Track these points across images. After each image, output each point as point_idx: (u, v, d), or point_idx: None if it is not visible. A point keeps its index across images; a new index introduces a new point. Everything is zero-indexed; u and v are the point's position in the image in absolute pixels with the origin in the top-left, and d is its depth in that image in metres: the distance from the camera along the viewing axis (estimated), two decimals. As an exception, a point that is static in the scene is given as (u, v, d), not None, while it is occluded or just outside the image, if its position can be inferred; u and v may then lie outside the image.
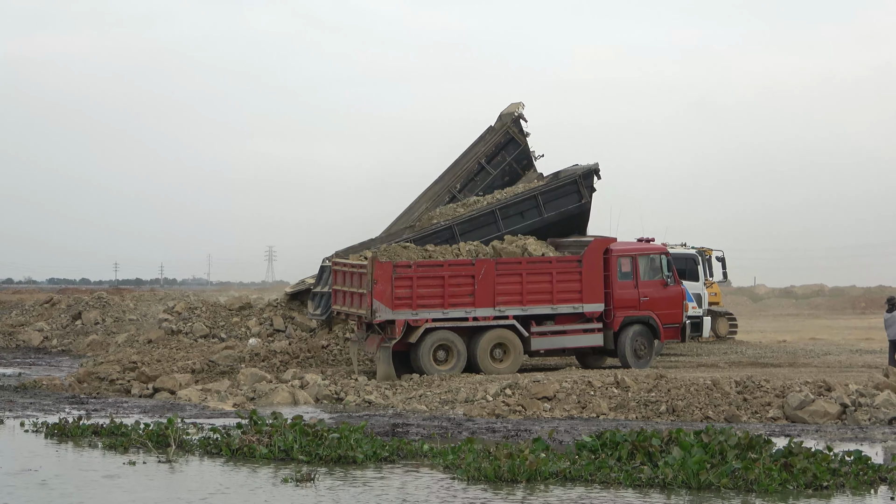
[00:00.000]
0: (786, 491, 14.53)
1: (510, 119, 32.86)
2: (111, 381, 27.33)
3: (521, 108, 33.00)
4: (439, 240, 29.47)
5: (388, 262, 26.99)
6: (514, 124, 32.79)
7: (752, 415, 22.33)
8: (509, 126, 32.81)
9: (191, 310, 37.50)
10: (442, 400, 23.81)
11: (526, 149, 32.94)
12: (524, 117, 33.03)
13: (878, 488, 14.92)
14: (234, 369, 28.42)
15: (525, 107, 33.02)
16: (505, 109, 33.61)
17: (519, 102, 33.27)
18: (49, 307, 46.49)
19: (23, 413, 22.06)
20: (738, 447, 15.62)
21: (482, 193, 32.39)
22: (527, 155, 32.98)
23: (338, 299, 28.66)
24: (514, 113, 32.91)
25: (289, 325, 35.22)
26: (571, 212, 30.55)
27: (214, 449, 17.22)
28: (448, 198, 32.48)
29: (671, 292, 29.14)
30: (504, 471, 15.11)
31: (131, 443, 17.84)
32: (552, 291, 27.80)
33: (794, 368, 29.53)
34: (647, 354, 28.78)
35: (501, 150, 32.88)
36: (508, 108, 33.54)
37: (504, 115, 33.48)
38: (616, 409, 22.60)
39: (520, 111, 32.95)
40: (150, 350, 32.66)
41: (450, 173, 33.41)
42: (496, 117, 33.49)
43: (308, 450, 16.72)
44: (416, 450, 17.11)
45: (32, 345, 41.74)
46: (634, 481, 14.86)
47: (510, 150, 32.83)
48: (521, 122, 32.95)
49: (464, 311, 27.30)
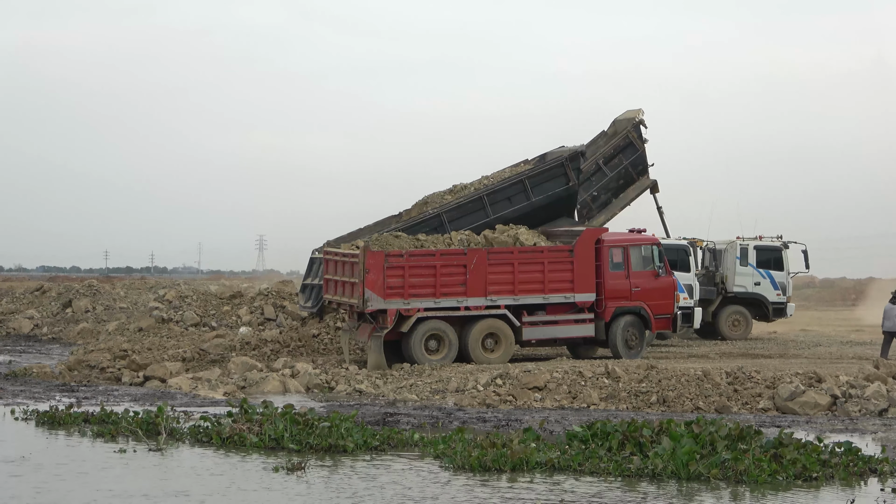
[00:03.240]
0: (775, 482, 14.55)
1: (630, 124, 34.20)
2: (102, 369, 27.29)
3: (641, 115, 34.41)
4: (428, 228, 29.47)
5: (379, 251, 26.97)
6: (634, 129, 34.16)
7: (742, 406, 22.36)
8: (629, 131, 34.19)
9: (181, 298, 37.47)
10: (433, 389, 23.82)
11: (643, 154, 34.42)
12: (644, 123, 34.37)
13: (868, 479, 14.94)
14: (225, 358, 28.41)
15: (645, 113, 34.47)
16: (621, 115, 34.93)
17: (639, 109, 34.57)
18: (39, 295, 46.40)
19: (13, 401, 22.02)
20: (729, 438, 15.64)
21: (596, 194, 33.84)
22: (643, 161, 34.51)
23: (329, 289, 28.64)
24: (634, 118, 34.29)
25: (280, 313, 35.21)
26: (559, 195, 30.57)
27: (205, 437, 17.21)
28: None
29: (662, 283, 29.15)
30: (489, 460, 15.10)
31: (121, 431, 17.82)
32: (544, 281, 27.81)
33: (785, 360, 29.59)
34: (638, 345, 28.81)
35: (619, 153, 34.31)
36: (626, 113, 34.89)
37: (619, 121, 34.79)
38: (607, 400, 22.62)
39: (640, 117, 34.34)
40: (141, 338, 32.64)
41: None
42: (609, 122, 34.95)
43: (298, 438, 16.71)
44: (407, 439, 17.11)
45: (23, 332, 41.65)
46: (624, 471, 14.87)
47: (628, 153, 34.31)
48: (640, 127, 34.30)
49: (455, 301, 27.30)
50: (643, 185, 34.78)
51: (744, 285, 36.91)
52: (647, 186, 34.90)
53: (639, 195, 35.06)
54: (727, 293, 36.91)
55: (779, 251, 37.38)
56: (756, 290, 37.01)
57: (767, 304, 37.08)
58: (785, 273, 37.30)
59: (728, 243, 37.37)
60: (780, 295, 37.08)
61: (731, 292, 36.90)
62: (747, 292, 36.96)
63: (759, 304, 37.12)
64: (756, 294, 37.03)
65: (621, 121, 34.98)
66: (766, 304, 37.09)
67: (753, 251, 37.10)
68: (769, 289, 37.12)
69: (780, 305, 37.13)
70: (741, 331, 36.76)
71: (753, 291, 37.02)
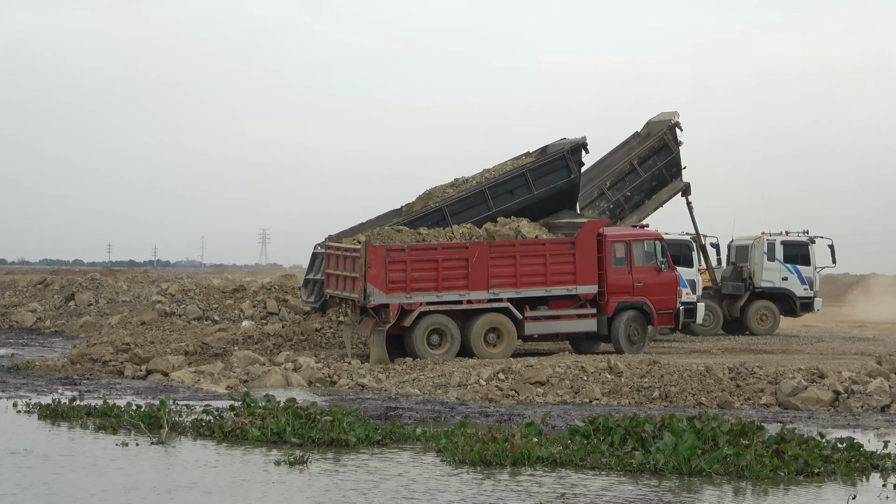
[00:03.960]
0: (777, 477, 14.55)
1: (666, 126, 34.79)
2: (104, 363, 27.29)
3: (677, 117, 35.01)
4: (430, 222, 29.45)
5: (381, 245, 26.96)
6: (669, 131, 34.78)
7: (744, 401, 22.36)
8: (665, 133, 34.78)
9: (184, 292, 37.50)
10: (435, 384, 23.82)
11: (677, 157, 34.99)
12: (680, 126, 34.91)
13: (870, 475, 14.94)
14: (228, 352, 28.43)
15: (680, 116, 35.10)
16: (655, 117, 35.65)
17: (674, 112, 35.15)
18: (42, 288, 46.41)
19: (15, 394, 22.04)
20: (731, 433, 15.63)
21: (629, 194, 34.49)
22: (677, 163, 35.06)
23: (330, 283, 28.62)
24: (670, 121, 34.91)
25: (282, 307, 35.22)
26: (561, 187, 30.59)
27: (207, 431, 17.21)
28: (597, 193, 34.54)
29: (665, 278, 29.14)
30: (490, 455, 15.11)
31: (123, 424, 17.83)
32: (546, 274, 27.80)
33: (787, 355, 29.59)
34: (641, 340, 28.81)
35: (654, 154, 34.90)
36: (660, 115, 35.58)
37: (653, 123, 35.49)
38: (609, 395, 22.62)
39: (676, 119, 34.93)
40: (144, 332, 32.66)
41: (598, 168, 35.40)
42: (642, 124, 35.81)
43: (300, 433, 16.71)
44: (409, 433, 17.11)
45: (25, 325, 41.68)
46: (625, 466, 14.87)
47: (662, 155, 34.91)
48: (676, 130, 34.83)
49: (458, 295, 27.30)
50: (676, 188, 35.34)
51: (771, 280, 37.34)
52: (680, 189, 35.44)
53: (671, 197, 35.64)
54: (755, 288, 37.16)
55: (805, 246, 37.87)
56: (783, 285, 37.31)
57: (795, 298, 37.62)
58: (812, 268, 37.76)
59: (755, 238, 37.72)
60: (807, 290, 37.68)
61: (758, 287, 37.22)
62: (775, 287, 37.35)
63: (786, 299, 37.39)
64: (783, 289, 37.52)
65: (655, 123, 35.52)
66: (794, 298, 37.61)
67: (780, 246, 37.54)
68: (796, 284, 37.57)
69: (807, 300, 37.68)
70: (769, 326, 37.37)
71: (781, 286, 37.43)
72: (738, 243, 38.45)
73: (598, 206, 34.62)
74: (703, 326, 36.44)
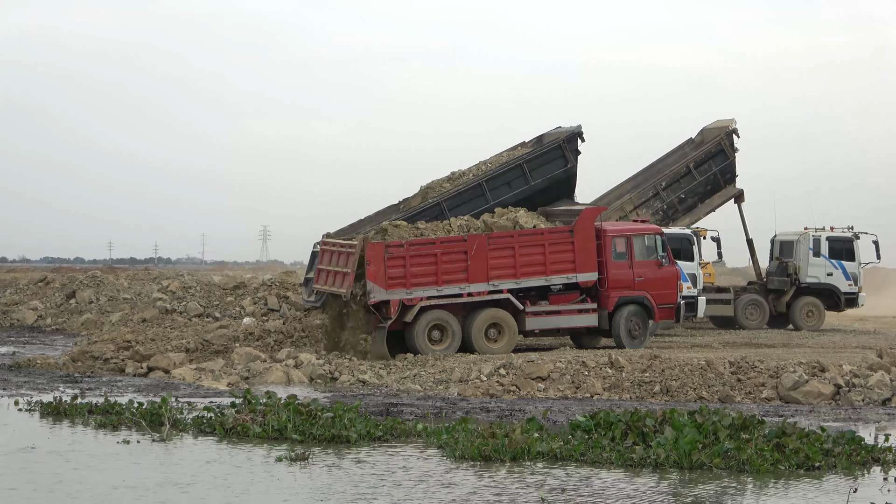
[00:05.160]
0: (778, 471, 14.56)
1: (723, 132, 35.81)
2: (105, 360, 27.30)
3: (734, 124, 36.02)
4: (429, 217, 29.45)
5: (379, 242, 26.93)
6: (727, 137, 35.81)
7: (745, 395, 22.37)
8: (722, 138, 35.83)
9: (185, 289, 37.48)
10: (436, 380, 23.83)
11: (733, 163, 35.98)
12: (737, 133, 35.87)
13: (871, 469, 14.95)
14: (229, 348, 28.42)
15: (737, 123, 36.07)
16: (711, 124, 36.79)
17: (731, 119, 36.24)
18: (43, 286, 46.42)
19: (17, 392, 22.05)
20: (732, 427, 15.64)
21: (683, 196, 35.47)
22: (732, 169, 36.05)
23: (321, 279, 28.50)
24: (727, 127, 35.92)
25: (283, 304, 35.22)
26: (558, 177, 30.68)
27: (208, 428, 17.22)
28: (652, 193, 35.53)
29: (666, 273, 29.15)
30: (489, 450, 15.12)
31: (123, 422, 17.84)
32: (545, 263, 27.80)
33: (788, 349, 29.59)
34: (642, 335, 28.82)
35: (710, 159, 35.90)
36: (716, 123, 36.69)
37: (708, 130, 36.59)
38: (610, 390, 22.62)
39: (734, 126, 35.95)
40: (145, 329, 32.64)
41: (651, 170, 36.61)
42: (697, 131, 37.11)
43: (302, 429, 16.72)
44: (410, 430, 17.12)
45: (27, 323, 41.69)
46: (626, 461, 14.88)
47: (718, 160, 35.90)
48: (733, 136, 35.82)
49: (458, 288, 27.29)
50: (729, 194, 36.20)
51: (816, 276, 37.46)
52: (733, 195, 36.29)
53: (723, 203, 36.52)
54: (800, 284, 37.23)
55: (850, 242, 38.05)
56: (828, 281, 37.47)
57: (840, 294, 37.71)
58: (856, 263, 37.92)
59: (800, 234, 37.89)
60: (851, 285, 37.78)
61: (804, 283, 37.35)
62: (820, 283, 37.48)
63: (830, 295, 37.48)
64: (828, 284, 37.60)
65: (710, 129, 36.58)
66: (839, 294, 37.70)
67: (826, 242, 37.68)
68: (841, 279, 37.73)
69: (851, 296, 37.82)
70: (815, 321, 37.44)
71: (826, 282, 37.56)
72: (782, 238, 38.66)
73: (651, 205, 35.51)
74: (749, 321, 36.89)
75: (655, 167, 36.97)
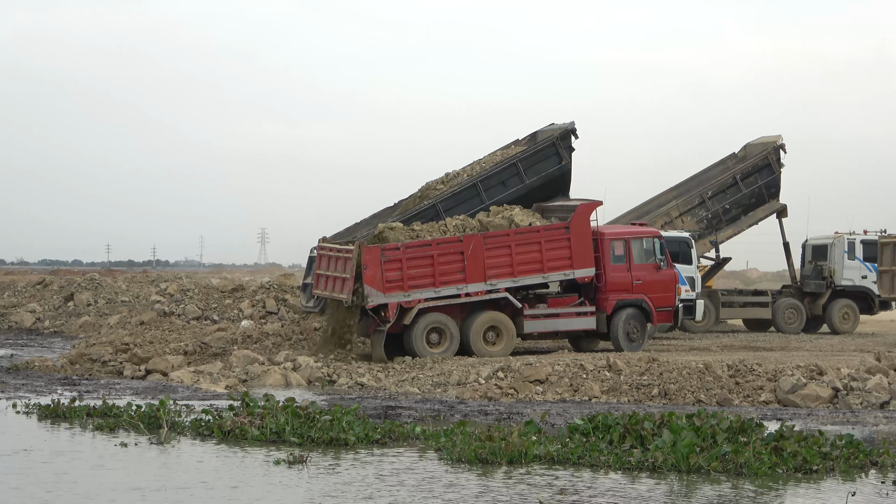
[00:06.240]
0: (775, 474, 14.56)
1: (771, 147, 36.69)
2: (103, 363, 27.30)
3: (780, 140, 36.87)
4: (424, 219, 29.43)
5: (375, 246, 26.90)
6: (774, 152, 36.69)
7: (744, 398, 22.38)
8: (769, 153, 36.71)
9: (183, 292, 37.53)
10: (434, 383, 23.82)
11: (778, 178, 36.81)
12: (784, 148, 36.75)
13: (869, 472, 14.95)
14: (227, 351, 28.43)
15: (784, 139, 36.89)
16: (755, 140, 37.91)
17: (778, 135, 37.06)
18: (41, 288, 46.39)
19: (15, 394, 22.03)
20: (730, 431, 15.63)
21: (728, 207, 36.29)
22: (777, 184, 36.85)
23: (320, 284, 28.48)
24: (775, 142, 36.85)
25: (281, 307, 35.25)
26: (553, 174, 30.73)
27: (206, 431, 17.22)
28: (698, 201, 36.36)
29: (664, 276, 29.17)
30: (486, 453, 15.11)
31: (122, 425, 17.83)
32: (542, 260, 27.80)
33: (787, 352, 29.61)
34: (640, 338, 28.83)
35: (756, 172, 36.68)
36: (760, 138, 37.76)
37: (752, 145, 37.67)
38: (608, 393, 22.62)
39: (781, 142, 36.81)
40: (143, 332, 32.66)
41: (696, 180, 37.57)
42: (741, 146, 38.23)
43: (300, 432, 16.72)
44: (408, 432, 17.11)
45: (24, 326, 41.65)
46: (624, 464, 14.87)
47: (763, 174, 36.72)
48: (780, 151, 36.65)
49: (455, 289, 27.28)
50: (772, 208, 36.90)
51: (851, 279, 37.67)
52: (776, 210, 36.96)
53: (766, 216, 37.15)
54: (836, 287, 37.33)
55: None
56: (863, 284, 37.60)
57: (873, 297, 37.95)
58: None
59: (834, 238, 38.05)
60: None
61: (839, 286, 37.54)
62: (854, 286, 37.68)
63: (864, 297, 37.57)
64: (863, 287, 37.77)
65: (755, 145, 37.52)
66: (872, 297, 37.94)
67: (860, 245, 37.79)
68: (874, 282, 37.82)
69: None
70: (850, 324, 37.85)
71: (860, 285, 37.70)
72: (815, 242, 38.86)
73: (696, 213, 36.20)
74: (788, 324, 37.21)
75: (700, 177, 37.68)
